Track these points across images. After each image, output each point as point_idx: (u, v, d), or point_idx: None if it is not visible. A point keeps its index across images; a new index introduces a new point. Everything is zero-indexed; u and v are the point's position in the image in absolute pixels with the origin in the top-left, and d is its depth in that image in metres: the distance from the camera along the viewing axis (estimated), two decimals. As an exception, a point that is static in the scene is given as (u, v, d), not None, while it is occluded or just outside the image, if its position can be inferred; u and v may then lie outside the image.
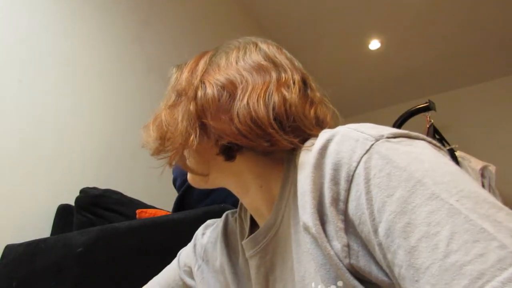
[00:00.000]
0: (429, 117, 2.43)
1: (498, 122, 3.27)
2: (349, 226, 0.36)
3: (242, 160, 0.49)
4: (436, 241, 0.29)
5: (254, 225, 0.55)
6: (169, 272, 0.64)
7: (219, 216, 0.82)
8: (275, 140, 0.45)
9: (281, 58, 0.53)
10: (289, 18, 2.89)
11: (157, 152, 0.51)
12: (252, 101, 0.45)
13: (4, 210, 1.21)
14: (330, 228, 0.36)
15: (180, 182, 1.14)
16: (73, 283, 0.96)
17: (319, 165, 0.39)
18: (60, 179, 1.40)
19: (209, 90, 0.48)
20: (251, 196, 0.51)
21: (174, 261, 0.65)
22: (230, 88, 0.47)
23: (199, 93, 0.48)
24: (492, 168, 2.19)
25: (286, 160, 0.48)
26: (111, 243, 0.98)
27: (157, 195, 1.62)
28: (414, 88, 3.58)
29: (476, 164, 2.18)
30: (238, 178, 0.51)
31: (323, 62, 3.35)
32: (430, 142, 0.37)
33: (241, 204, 0.59)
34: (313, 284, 0.39)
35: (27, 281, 1.04)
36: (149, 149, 0.51)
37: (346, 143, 0.37)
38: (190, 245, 0.64)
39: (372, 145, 0.35)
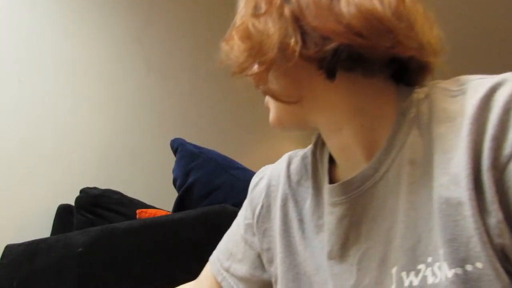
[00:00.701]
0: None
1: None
2: (504, 200, 0.30)
3: (342, 87, 0.40)
4: None
5: (331, 171, 0.47)
6: (229, 241, 0.56)
7: (219, 216, 0.82)
8: (399, 39, 0.35)
9: None
10: (289, 18, 2.89)
11: (242, 68, 0.41)
12: None
13: (5, 210, 1.21)
14: (485, 199, 0.30)
15: (180, 182, 1.14)
16: (74, 283, 0.96)
17: (479, 118, 0.31)
18: (60, 179, 1.40)
19: None
20: (345, 136, 0.41)
21: (234, 225, 0.57)
22: None
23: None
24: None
25: (400, 99, 0.39)
26: (111, 243, 0.98)
27: (157, 195, 1.62)
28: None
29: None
30: (333, 113, 0.41)
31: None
32: None
33: (318, 143, 0.49)
34: (429, 259, 0.33)
35: (27, 281, 1.04)
36: (233, 65, 0.41)
37: None
38: (246, 200, 0.56)
39: None
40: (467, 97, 0.33)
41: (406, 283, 0.34)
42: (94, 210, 1.25)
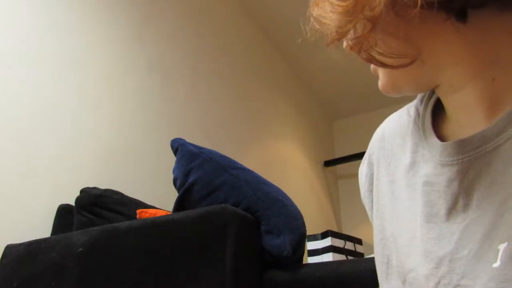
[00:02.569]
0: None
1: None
2: None
3: (470, 33, 0.33)
4: None
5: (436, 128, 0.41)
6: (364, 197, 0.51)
7: (220, 216, 0.82)
8: None
9: None
10: (289, 18, 2.89)
11: (343, 32, 0.35)
12: None
13: (5, 210, 1.22)
14: None
15: (180, 182, 1.14)
16: (74, 282, 0.96)
17: None
18: (60, 179, 1.40)
19: None
20: (468, 93, 0.35)
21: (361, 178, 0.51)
22: None
23: None
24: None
25: None
26: (112, 243, 0.98)
27: (158, 195, 1.62)
28: (414, 88, 3.57)
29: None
30: (460, 67, 0.35)
31: (322, 63, 3.35)
32: None
33: (424, 97, 0.43)
34: None
35: (28, 281, 1.04)
36: (330, 30, 0.36)
37: None
38: (365, 156, 0.51)
39: None
40: None
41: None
42: (94, 210, 1.25)
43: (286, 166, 2.96)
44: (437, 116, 0.41)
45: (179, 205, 1.10)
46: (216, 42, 2.45)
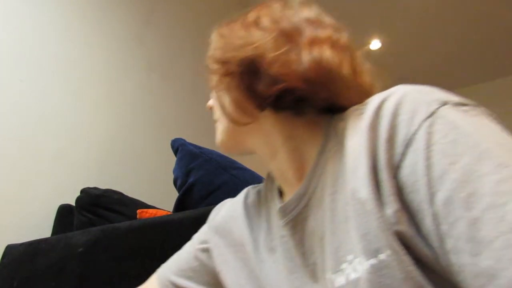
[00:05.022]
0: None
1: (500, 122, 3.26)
2: (399, 193, 0.33)
3: (275, 119, 0.48)
4: (503, 213, 0.26)
5: (281, 195, 0.53)
6: (180, 259, 0.61)
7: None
8: (340, 91, 0.43)
9: (331, 22, 0.50)
10: (289, 18, 2.89)
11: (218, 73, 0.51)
12: (317, 48, 0.43)
13: (5, 210, 1.22)
14: (383, 192, 0.34)
15: (180, 182, 1.14)
16: (74, 282, 0.96)
17: (374, 126, 0.36)
18: (61, 179, 1.40)
19: (273, 34, 0.45)
20: (280, 160, 0.48)
21: (186, 245, 0.63)
22: (290, 35, 0.45)
23: (265, 35, 0.45)
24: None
25: (325, 126, 0.46)
26: (112, 243, 0.98)
27: (158, 195, 1.62)
28: (414, 88, 3.57)
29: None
30: (268, 139, 0.49)
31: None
32: (496, 120, 0.36)
33: (268, 174, 0.56)
34: (349, 257, 0.36)
35: (28, 281, 1.04)
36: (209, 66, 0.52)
37: (406, 104, 0.35)
38: (204, 226, 0.62)
39: (438, 109, 0.33)
40: (367, 111, 0.38)
41: (336, 284, 0.38)
42: (95, 210, 1.25)
43: (286, 166, 2.95)
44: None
45: (180, 205, 1.10)
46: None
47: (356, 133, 0.39)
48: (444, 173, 0.30)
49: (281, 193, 0.53)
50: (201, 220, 0.67)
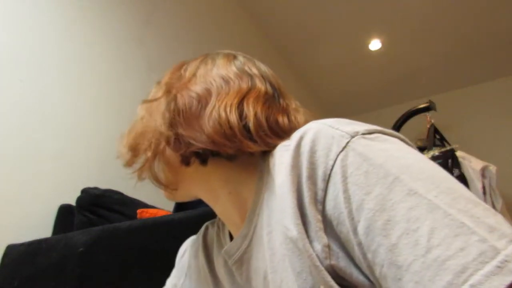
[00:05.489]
0: (429, 117, 2.43)
1: (499, 122, 3.26)
2: (328, 227, 0.35)
3: (209, 166, 0.49)
4: (417, 237, 0.28)
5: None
6: None
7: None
8: (243, 146, 0.45)
9: (254, 70, 0.53)
10: (289, 18, 2.89)
11: (129, 163, 0.54)
12: (223, 109, 0.46)
13: (6, 210, 1.22)
14: (311, 229, 0.35)
15: (181, 182, 1.14)
16: (74, 282, 0.96)
17: (296, 164, 0.38)
18: (61, 179, 1.40)
19: (180, 101, 0.49)
20: (222, 204, 0.50)
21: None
22: (202, 97, 0.48)
23: (171, 105, 0.49)
24: (492, 168, 2.19)
25: (260, 164, 0.47)
26: (112, 243, 0.98)
27: (158, 195, 1.62)
28: (414, 88, 3.58)
29: (477, 164, 2.18)
30: (207, 186, 0.51)
31: (323, 63, 3.35)
32: (403, 140, 0.37)
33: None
34: None
35: (28, 281, 1.04)
36: (122, 160, 0.55)
37: (321, 141, 0.37)
38: (174, 269, 0.65)
39: (348, 142, 0.35)
40: (290, 147, 0.39)
41: None
42: (95, 210, 1.25)
43: (286, 166, 2.95)
44: None
45: (180, 205, 1.10)
46: (216, 42, 2.45)
47: (282, 170, 0.40)
48: (361, 203, 0.32)
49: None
50: (201, 220, 0.67)
